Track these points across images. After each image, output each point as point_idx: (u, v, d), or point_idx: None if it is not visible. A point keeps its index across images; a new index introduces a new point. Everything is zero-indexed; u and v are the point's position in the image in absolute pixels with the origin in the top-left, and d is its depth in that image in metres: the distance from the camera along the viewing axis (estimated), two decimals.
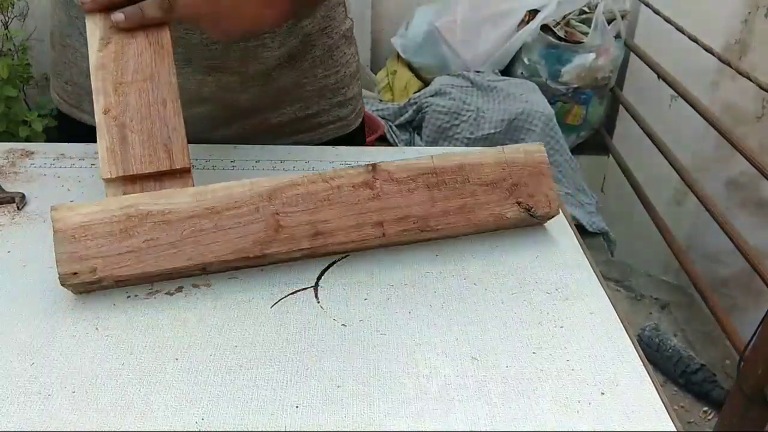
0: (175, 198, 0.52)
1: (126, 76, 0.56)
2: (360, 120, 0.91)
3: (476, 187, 0.59)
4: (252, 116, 0.80)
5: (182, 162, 0.55)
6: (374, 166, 0.56)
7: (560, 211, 0.63)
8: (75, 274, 0.50)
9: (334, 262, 0.58)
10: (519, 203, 0.60)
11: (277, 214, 0.54)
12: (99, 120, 0.55)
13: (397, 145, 1.97)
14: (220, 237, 0.53)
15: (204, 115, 0.77)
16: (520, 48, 2.13)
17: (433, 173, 0.57)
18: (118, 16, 0.56)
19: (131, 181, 0.54)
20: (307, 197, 0.54)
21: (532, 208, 0.60)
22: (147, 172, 0.54)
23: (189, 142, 0.74)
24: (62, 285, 0.50)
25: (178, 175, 0.56)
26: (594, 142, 2.30)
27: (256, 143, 0.79)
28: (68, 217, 0.50)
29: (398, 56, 2.27)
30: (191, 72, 0.74)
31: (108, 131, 0.55)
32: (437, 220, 0.58)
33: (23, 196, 0.64)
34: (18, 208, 0.63)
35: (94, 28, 0.58)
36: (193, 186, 0.55)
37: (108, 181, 0.54)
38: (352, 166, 0.56)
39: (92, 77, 0.56)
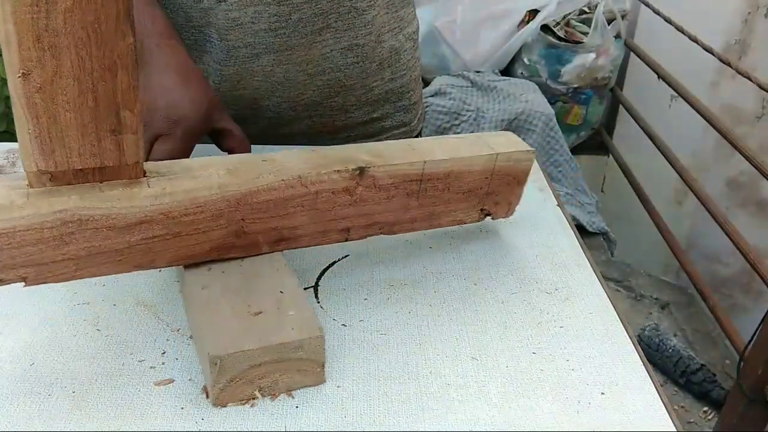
0: (124, 202, 0.43)
1: (54, 19, 0.37)
2: (422, 126, 0.91)
3: (452, 195, 0.56)
4: (319, 112, 0.79)
5: (135, 156, 0.43)
6: (362, 171, 0.50)
7: (560, 209, 0.62)
8: (0, 281, 0.43)
9: (334, 262, 0.58)
10: (482, 210, 0.58)
11: (243, 220, 0.48)
12: (14, 87, 0.38)
13: None
14: (173, 244, 0.46)
15: (271, 109, 0.77)
16: (520, 48, 2.13)
17: (418, 180, 0.53)
18: None
19: (61, 173, 0.42)
20: (280, 203, 0.48)
21: (491, 213, 0.59)
22: (87, 168, 0.42)
23: (255, 140, 0.67)
24: None
25: (125, 167, 0.43)
26: (594, 142, 2.30)
27: (322, 144, 0.78)
28: None
29: None
30: (260, 64, 0.74)
31: (30, 108, 0.39)
32: (401, 226, 0.56)
33: None
34: None
35: None
36: (145, 177, 0.45)
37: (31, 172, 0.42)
38: (338, 170, 0.50)
39: None
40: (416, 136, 0.89)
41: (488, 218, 0.60)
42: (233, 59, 0.73)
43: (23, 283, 0.43)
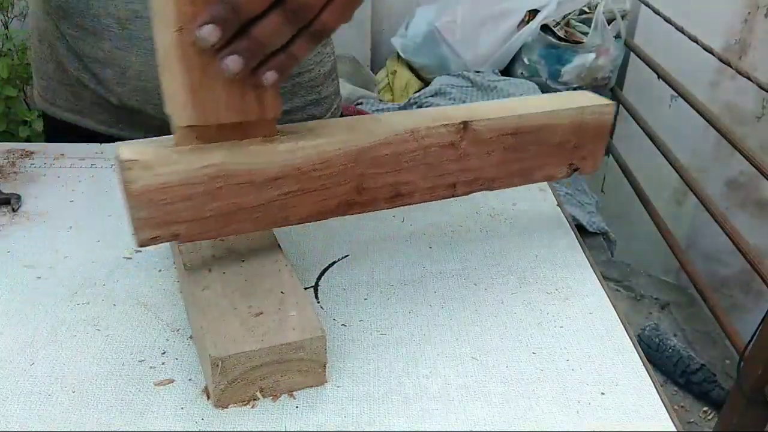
0: (263, 157, 0.46)
1: None
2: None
3: (544, 149, 0.58)
4: None
5: (273, 111, 0.46)
6: (465, 124, 0.53)
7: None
8: (155, 238, 0.45)
9: (334, 262, 0.58)
10: (570, 164, 0.60)
11: (363, 175, 0.50)
12: (170, 42, 0.41)
13: None
14: (305, 199, 0.49)
15: None
16: (520, 48, 2.13)
17: (514, 134, 0.55)
18: (271, 76, 0.42)
19: (206, 128, 0.45)
20: (394, 158, 0.51)
21: (578, 169, 0.61)
22: (231, 122, 0.45)
23: (154, 120, 0.70)
24: (139, 246, 0.45)
25: (263, 123, 0.46)
26: None
27: None
28: (144, 178, 0.42)
29: (398, 56, 2.27)
30: (150, 50, 0.74)
31: (185, 61, 0.41)
32: (501, 181, 0.58)
33: (19, 197, 0.64)
34: (13, 209, 0.62)
35: None
36: (277, 132, 0.48)
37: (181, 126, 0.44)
38: (444, 124, 0.52)
39: None
40: None
41: (575, 173, 0.61)
42: (136, 48, 0.73)
43: (177, 241, 0.46)
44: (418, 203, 0.55)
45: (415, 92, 2.11)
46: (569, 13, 2.14)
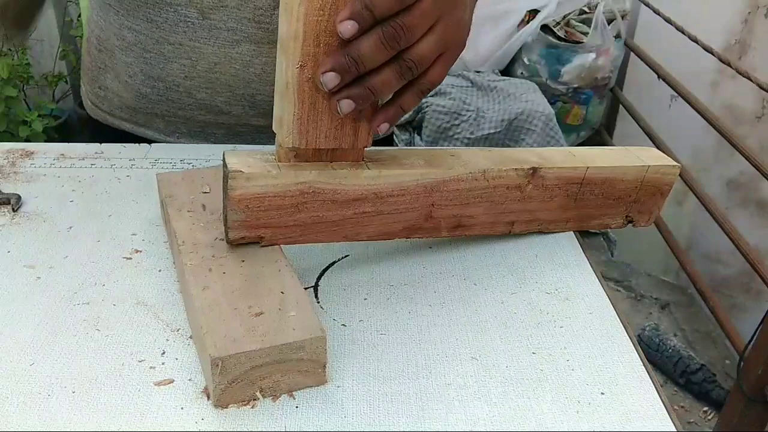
0: (350, 180, 0.50)
1: (332, 23, 0.45)
2: (393, 129, 0.94)
3: (604, 201, 0.60)
4: None
5: (364, 141, 0.51)
6: (534, 170, 0.56)
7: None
8: (242, 238, 0.50)
9: (334, 262, 0.58)
10: (627, 216, 0.62)
11: (432, 205, 0.54)
12: (291, 75, 0.46)
13: (397, 146, 1.97)
14: (376, 220, 0.53)
15: (246, 98, 0.77)
16: (520, 48, 2.13)
17: (578, 184, 0.58)
18: (384, 127, 0.49)
19: (305, 150, 0.50)
20: (464, 193, 0.55)
21: (633, 221, 0.63)
22: (328, 148, 0.50)
23: (231, 129, 0.75)
24: (228, 243, 0.51)
25: (353, 150, 0.51)
26: (594, 142, 2.30)
27: None
28: (245, 188, 0.48)
29: None
30: (240, 51, 0.74)
31: (299, 94, 0.47)
32: (556, 225, 0.61)
33: (19, 198, 0.64)
34: (13, 209, 0.62)
35: None
36: (363, 158, 0.52)
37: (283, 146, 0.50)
38: (515, 168, 0.55)
39: (282, 10, 0.45)
40: (391, 136, 0.92)
41: (630, 225, 0.63)
42: (214, 39, 0.73)
43: (260, 243, 0.51)
44: (477, 235, 0.59)
45: None
46: (569, 13, 2.15)
